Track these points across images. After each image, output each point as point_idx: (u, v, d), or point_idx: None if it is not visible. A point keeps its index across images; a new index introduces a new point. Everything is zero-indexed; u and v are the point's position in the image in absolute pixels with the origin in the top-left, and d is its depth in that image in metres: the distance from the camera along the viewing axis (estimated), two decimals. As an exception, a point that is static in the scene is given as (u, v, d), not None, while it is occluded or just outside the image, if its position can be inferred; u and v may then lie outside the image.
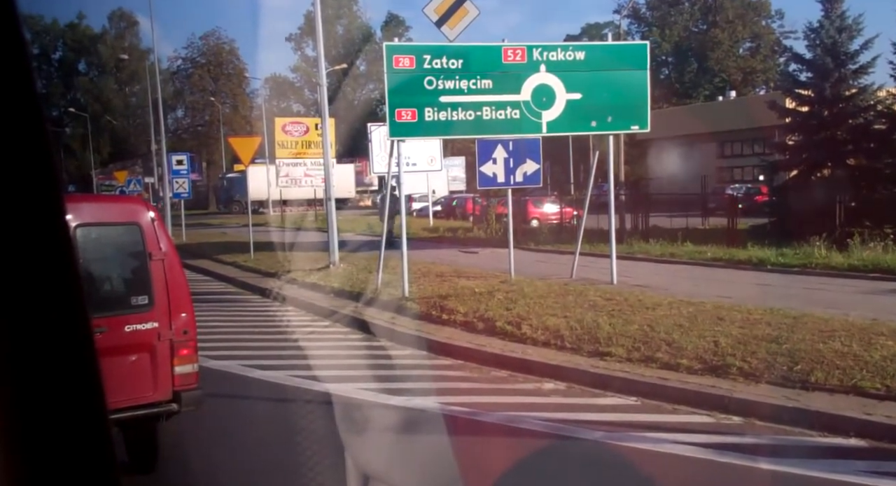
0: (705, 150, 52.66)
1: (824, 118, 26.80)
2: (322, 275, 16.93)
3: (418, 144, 38.78)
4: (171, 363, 5.76)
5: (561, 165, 54.38)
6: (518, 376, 8.57)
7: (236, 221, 47.42)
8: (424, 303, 12.40)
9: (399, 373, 9.05)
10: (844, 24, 27.09)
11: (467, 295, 12.55)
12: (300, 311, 14.14)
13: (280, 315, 13.80)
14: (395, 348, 10.43)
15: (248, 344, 11.19)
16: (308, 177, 24.74)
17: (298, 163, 24.07)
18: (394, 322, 11.69)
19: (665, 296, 11.61)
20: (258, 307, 14.79)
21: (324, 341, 11.16)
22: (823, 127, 26.70)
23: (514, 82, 13.25)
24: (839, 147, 26.22)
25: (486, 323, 10.66)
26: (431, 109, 12.99)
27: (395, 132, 13.03)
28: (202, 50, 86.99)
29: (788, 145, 29.19)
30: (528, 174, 13.62)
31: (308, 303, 14.34)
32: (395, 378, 8.68)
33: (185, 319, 5.87)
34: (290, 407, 7.71)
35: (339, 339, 11.36)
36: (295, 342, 11.17)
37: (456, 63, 13.03)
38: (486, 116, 13.16)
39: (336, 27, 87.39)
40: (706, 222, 27.31)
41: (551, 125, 13.44)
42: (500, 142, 13.48)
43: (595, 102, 13.47)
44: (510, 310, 11.07)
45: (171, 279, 5.81)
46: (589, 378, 8.08)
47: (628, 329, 9.33)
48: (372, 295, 13.89)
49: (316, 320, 13.05)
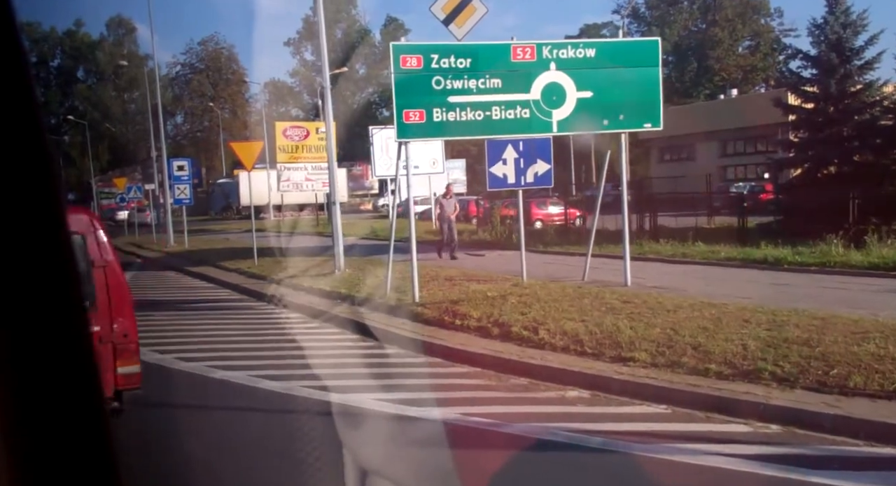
0: (707, 149, 52.36)
1: (830, 115, 26.52)
2: (328, 280, 16.62)
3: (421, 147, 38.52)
4: (113, 364, 6.09)
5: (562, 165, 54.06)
6: (539, 383, 8.24)
7: (237, 226, 47.14)
8: (436, 308, 12.08)
9: (414, 382, 8.73)
10: (849, 20, 26.85)
11: (479, 299, 12.23)
12: (307, 318, 13.83)
13: (286, 322, 13.47)
14: (409, 356, 10.12)
15: (254, 353, 10.88)
16: (309, 181, 24.51)
17: (300, 167, 23.85)
18: (405, 329, 11.38)
19: (684, 297, 11.29)
20: (263, 314, 14.47)
21: (333, 350, 10.84)
22: (829, 123, 26.42)
23: (523, 81, 12.94)
24: (845, 143, 25.93)
25: (501, 328, 10.35)
26: (440, 109, 12.68)
27: (403, 134, 12.72)
28: (201, 55, 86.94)
29: (794, 143, 28.92)
30: (539, 175, 13.30)
31: (315, 309, 14.02)
32: (410, 388, 8.36)
33: (125, 323, 6.22)
34: (299, 419, 7.40)
35: (349, 347, 11.03)
36: (302, 351, 10.84)
37: (464, 62, 12.72)
38: (495, 116, 12.85)
39: (335, 31, 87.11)
40: (712, 221, 27.00)
41: (562, 124, 13.13)
42: (510, 142, 13.17)
43: (607, 100, 13.16)
44: (525, 314, 10.75)
45: (113, 286, 6.15)
46: (614, 385, 7.76)
47: (650, 333, 9.01)
48: (381, 300, 13.58)
49: (323, 327, 12.73)
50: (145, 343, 12.23)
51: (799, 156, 28.05)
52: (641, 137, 64.85)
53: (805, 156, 27.38)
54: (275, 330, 12.68)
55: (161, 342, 11.85)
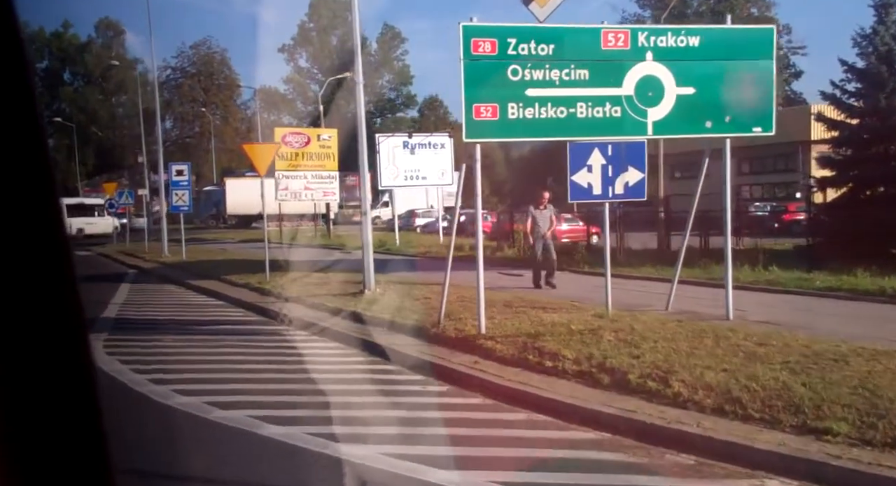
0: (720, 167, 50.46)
1: (878, 131, 24.68)
2: (359, 302, 14.45)
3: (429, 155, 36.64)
4: None
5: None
6: (711, 463, 6.07)
7: (231, 236, 44.84)
8: (511, 344, 9.93)
9: (531, 454, 6.56)
10: (901, 31, 25.19)
11: (564, 334, 10.09)
12: (341, 346, 11.66)
13: (321, 354, 11.29)
14: (501, 410, 7.98)
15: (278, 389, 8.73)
16: (309, 190, 22.79)
17: (299, 175, 22.08)
18: (480, 369, 9.23)
19: (832, 340, 9.15)
20: (287, 341, 12.25)
21: (392, 396, 8.55)
22: (877, 141, 24.60)
23: (614, 73, 10.86)
24: (893, 162, 24.08)
25: (612, 375, 8.22)
26: (516, 104, 10.58)
27: (473, 133, 10.59)
28: (192, 59, 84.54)
29: (834, 160, 27.03)
30: (630, 185, 11.18)
31: (350, 336, 11.86)
32: (532, 464, 6.20)
33: None
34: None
35: (412, 391, 8.84)
36: (348, 394, 8.68)
37: (546, 49, 10.63)
38: (580, 114, 10.76)
39: (331, 38, 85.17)
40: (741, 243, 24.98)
41: (658, 126, 11.06)
42: (597, 145, 11.05)
43: (711, 99, 11.10)
44: (638, 357, 8.63)
45: None
46: (829, 474, 5.63)
47: (836, 393, 6.88)
48: (435, 330, 11.43)
49: (368, 361, 10.55)
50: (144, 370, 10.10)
51: (841, 175, 26.12)
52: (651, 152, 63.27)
53: (847, 175, 25.48)
54: (300, 361, 10.43)
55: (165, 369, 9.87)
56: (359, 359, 10.72)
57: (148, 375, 9.67)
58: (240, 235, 45.33)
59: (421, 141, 37.09)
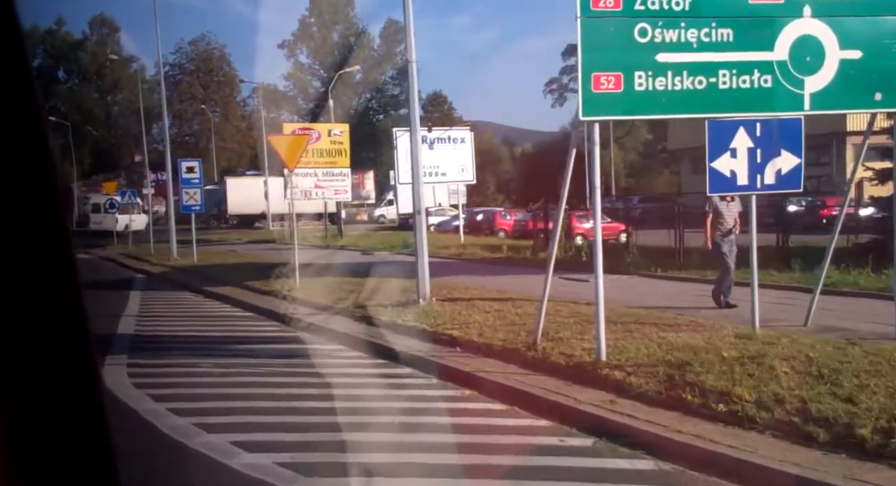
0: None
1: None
2: (417, 314, 12.29)
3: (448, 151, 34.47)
4: None
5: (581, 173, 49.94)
6: None
7: (238, 236, 42.64)
8: (649, 376, 7.74)
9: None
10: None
11: (716, 363, 7.88)
12: (415, 372, 9.46)
13: (380, 382, 9.11)
14: (681, 476, 5.79)
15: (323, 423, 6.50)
16: (319, 188, 21.15)
17: (309, 173, 20.43)
18: (624, 413, 7.03)
19: None
20: (341, 365, 10.06)
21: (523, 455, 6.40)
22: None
23: (765, 33, 8.66)
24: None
25: (828, 429, 6.02)
26: (644, 73, 8.39)
27: (591, 109, 8.37)
28: (191, 56, 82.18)
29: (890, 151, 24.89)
30: (783, 173, 8.94)
31: (422, 359, 9.69)
32: None
33: None
34: None
35: (551, 449, 6.64)
36: (434, 448, 6.52)
37: (681, 3, 8.45)
38: (722, 85, 8.56)
39: (332, 33, 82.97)
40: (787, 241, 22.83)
41: (817, 99, 8.84)
42: (742, 124, 8.85)
43: (881, 64, 8.90)
44: (850, 401, 6.43)
45: None
46: None
47: None
48: (532, 354, 9.24)
49: (459, 397, 8.37)
50: (184, 410, 7.95)
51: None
52: (671, 147, 61.04)
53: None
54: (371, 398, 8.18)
55: (208, 408, 7.74)
56: (444, 393, 8.53)
57: (191, 418, 7.46)
58: (246, 235, 43.24)
59: (440, 135, 34.93)
